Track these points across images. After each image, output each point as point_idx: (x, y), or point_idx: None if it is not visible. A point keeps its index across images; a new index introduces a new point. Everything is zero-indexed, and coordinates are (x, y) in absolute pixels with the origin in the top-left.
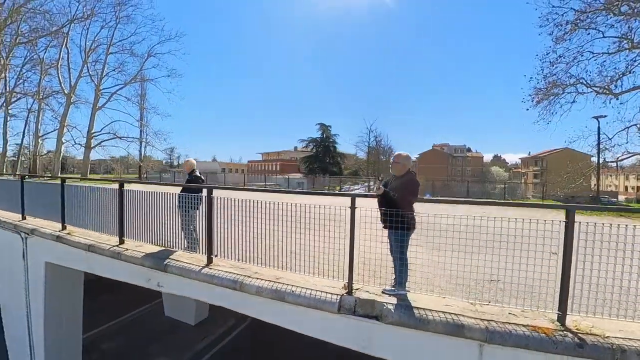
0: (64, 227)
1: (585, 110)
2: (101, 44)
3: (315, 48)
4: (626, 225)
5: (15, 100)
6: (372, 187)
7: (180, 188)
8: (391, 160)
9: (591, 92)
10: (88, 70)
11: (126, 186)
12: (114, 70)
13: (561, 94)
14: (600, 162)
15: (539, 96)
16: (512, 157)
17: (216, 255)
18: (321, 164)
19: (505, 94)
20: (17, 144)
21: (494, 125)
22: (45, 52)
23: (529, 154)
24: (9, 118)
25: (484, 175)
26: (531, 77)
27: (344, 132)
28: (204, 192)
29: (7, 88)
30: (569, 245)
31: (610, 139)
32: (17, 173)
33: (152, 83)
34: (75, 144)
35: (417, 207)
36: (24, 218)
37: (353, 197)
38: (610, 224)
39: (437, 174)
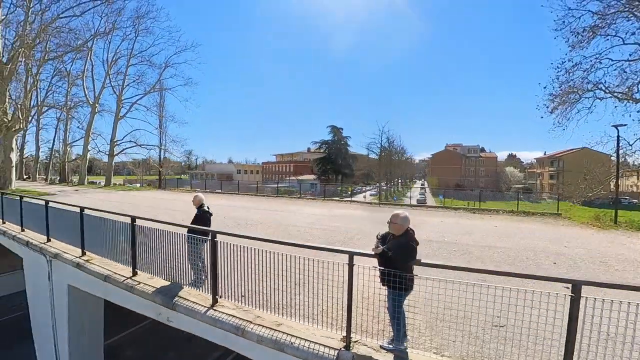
0: (83, 253)
1: (603, 114)
2: (122, 56)
3: (327, 52)
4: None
5: (46, 110)
6: (383, 189)
7: (187, 229)
8: (388, 220)
9: (610, 97)
10: (110, 81)
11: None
12: (134, 81)
13: (578, 100)
14: (620, 170)
15: (554, 103)
16: (527, 156)
17: (220, 297)
18: (333, 166)
19: (518, 93)
20: (48, 148)
21: (507, 125)
22: (72, 64)
23: (545, 154)
24: (40, 126)
25: (498, 175)
26: (545, 86)
27: (355, 134)
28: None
29: (38, 100)
30: (574, 324)
31: (630, 145)
32: (49, 177)
33: (170, 92)
34: (99, 152)
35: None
36: (48, 240)
37: (351, 255)
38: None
39: (450, 174)
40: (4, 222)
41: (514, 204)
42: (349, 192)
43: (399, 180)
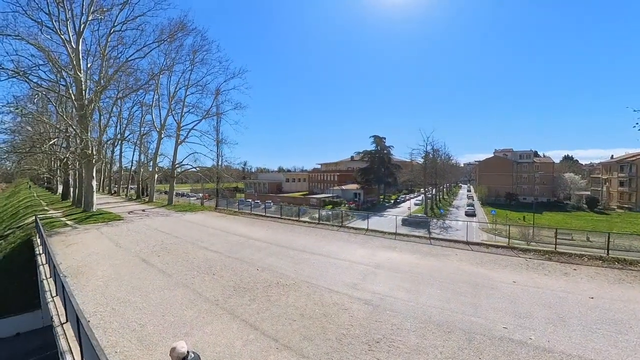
0: None
1: None
2: (181, 87)
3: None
4: None
5: (128, 136)
6: (429, 195)
7: None
8: None
9: None
10: (171, 110)
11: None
12: (192, 107)
13: None
14: None
15: None
16: (583, 154)
17: None
18: (376, 175)
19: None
20: (128, 168)
21: (558, 122)
22: (145, 96)
23: (612, 158)
24: (123, 149)
25: (555, 182)
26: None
27: (398, 140)
28: None
29: (120, 129)
30: None
31: None
32: (128, 193)
33: (221, 117)
34: (165, 174)
35: None
36: None
37: None
38: None
39: (500, 182)
40: None
41: (578, 215)
42: (392, 202)
43: (444, 187)
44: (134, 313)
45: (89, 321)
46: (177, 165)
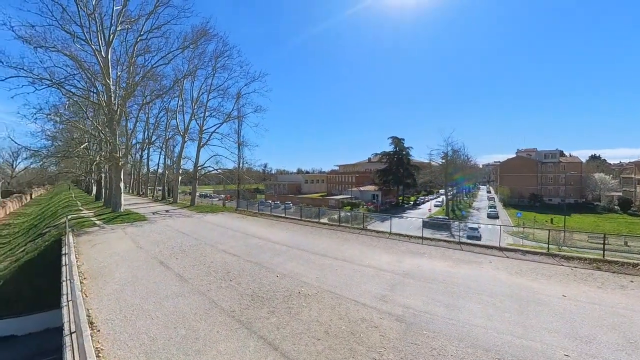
0: None
1: None
2: (203, 92)
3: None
4: None
5: (154, 141)
6: (450, 196)
7: None
8: None
9: None
10: (194, 115)
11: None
12: (214, 111)
13: None
14: None
15: None
16: (610, 154)
17: None
18: (395, 176)
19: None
20: (157, 167)
21: (583, 121)
22: (170, 102)
23: None
24: (150, 154)
25: (583, 182)
26: None
27: (417, 140)
28: None
29: (148, 134)
30: None
31: None
32: (155, 195)
33: (242, 120)
34: (188, 176)
35: None
36: None
37: None
38: None
39: (524, 183)
40: None
41: (610, 218)
42: (411, 203)
43: (464, 189)
44: (145, 323)
45: (99, 330)
46: (199, 168)
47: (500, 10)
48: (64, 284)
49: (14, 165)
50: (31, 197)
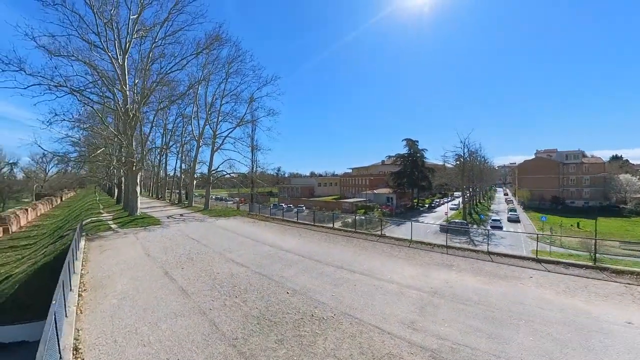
0: None
1: None
2: (217, 98)
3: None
4: None
5: (171, 146)
6: (467, 198)
7: None
8: None
9: None
10: (208, 120)
11: None
12: (227, 115)
13: None
14: None
15: None
16: (633, 154)
17: None
18: (409, 179)
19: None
20: (173, 171)
21: (603, 121)
22: (186, 108)
23: None
24: (168, 158)
25: (606, 184)
26: None
27: (432, 142)
28: None
29: (165, 139)
30: None
31: None
32: (171, 198)
33: (255, 124)
34: (203, 180)
35: None
36: None
37: None
38: None
39: (544, 185)
40: None
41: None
42: (427, 206)
43: (480, 191)
44: (135, 352)
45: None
46: (213, 172)
47: (500, 11)
48: (53, 303)
49: (47, 170)
50: (61, 200)
